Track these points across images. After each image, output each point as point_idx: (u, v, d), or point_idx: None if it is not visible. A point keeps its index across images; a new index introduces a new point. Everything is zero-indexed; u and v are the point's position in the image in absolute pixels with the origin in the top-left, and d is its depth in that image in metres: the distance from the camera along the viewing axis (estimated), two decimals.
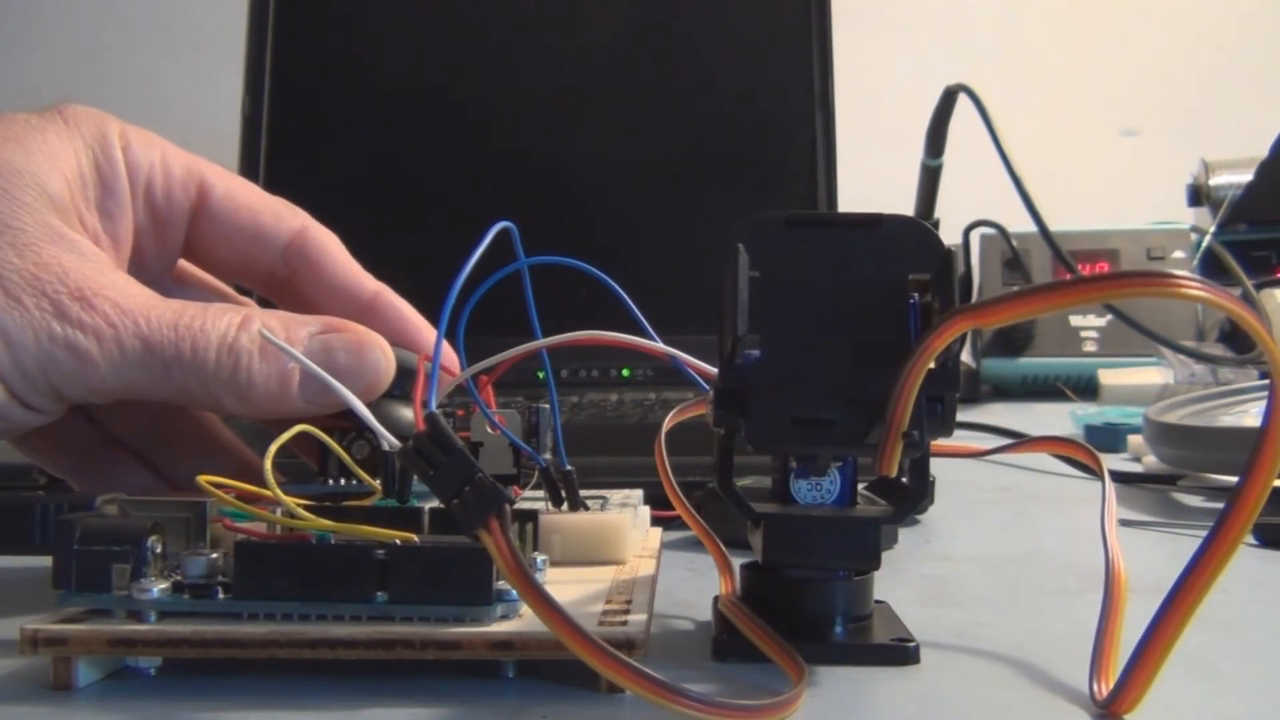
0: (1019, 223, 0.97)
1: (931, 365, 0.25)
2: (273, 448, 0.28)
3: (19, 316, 0.30)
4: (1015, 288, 0.24)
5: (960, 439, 0.32)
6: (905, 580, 0.37)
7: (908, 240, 0.28)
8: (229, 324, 0.32)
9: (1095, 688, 0.25)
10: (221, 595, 0.26)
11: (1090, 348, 1.11)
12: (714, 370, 0.29)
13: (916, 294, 0.27)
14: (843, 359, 0.27)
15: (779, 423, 0.27)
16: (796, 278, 0.28)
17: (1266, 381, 0.22)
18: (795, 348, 0.27)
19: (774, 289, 0.27)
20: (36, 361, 0.30)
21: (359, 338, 0.33)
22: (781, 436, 0.28)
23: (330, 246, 0.38)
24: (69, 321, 0.30)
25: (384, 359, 0.33)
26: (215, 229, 0.37)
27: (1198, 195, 1.18)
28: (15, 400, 0.30)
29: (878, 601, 0.30)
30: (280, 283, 0.38)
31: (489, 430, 0.34)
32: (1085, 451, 0.33)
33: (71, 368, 0.30)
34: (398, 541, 0.27)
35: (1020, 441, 0.40)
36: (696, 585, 0.36)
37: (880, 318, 0.27)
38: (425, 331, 0.38)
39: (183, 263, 0.38)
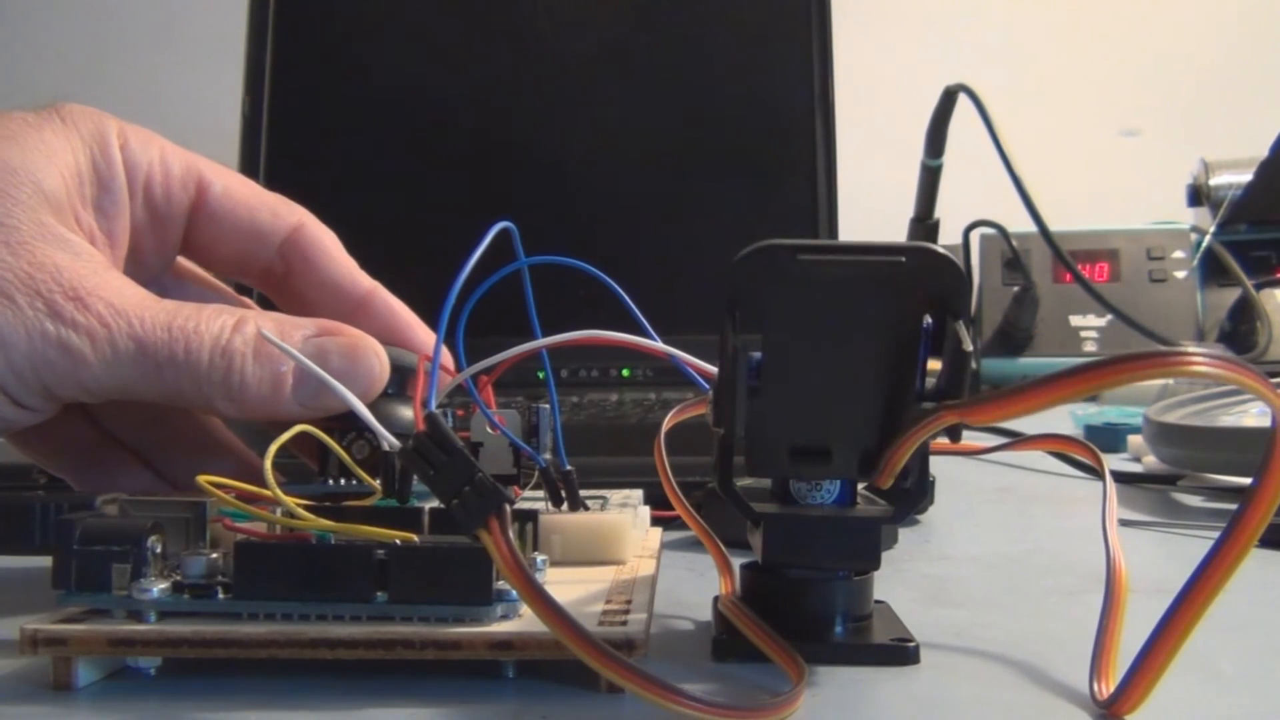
0: (1019, 223, 0.97)
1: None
2: (273, 448, 0.28)
3: (11, 315, 0.30)
4: (1005, 389, 0.22)
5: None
6: (905, 580, 0.37)
7: (920, 266, 0.26)
8: (223, 326, 0.32)
9: (1096, 688, 0.25)
10: (221, 595, 0.26)
11: (1090, 347, 1.11)
12: (714, 369, 0.29)
13: (930, 318, 0.26)
14: (845, 398, 0.27)
15: (776, 456, 0.28)
16: (803, 310, 0.27)
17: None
18: (798, 383, 0.27)
19: (779, 322, 0.27)
20: (28, 361, 0.30)
21: (353, 342, 0.33)
22: (779, 469, 0.28)
23: (326, 243, 0.38)
24: (62, 321, 0.30)
25: (378, 363, 0.33)
26: (213, 226, 0.37)
27: (1198, 195, 1.19)
28: (7, 399, 0.30)
29: (878, 601, 0.30)
30: (277, 279, 0.38)
31: (489, 430, 0.34)
32: (1084, 448, 0.33)
33: (64, 367, 0.30)
34: (398, 541, 0.27)
35: (1020, 439, 0.40)
36: (696, 585, 0.36)
37: (887, 355, 0.27)
38: (418, 330, 0.38)
39: (181, 259, 0.38)
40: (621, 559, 0.33)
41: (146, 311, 0.31)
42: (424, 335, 0.38)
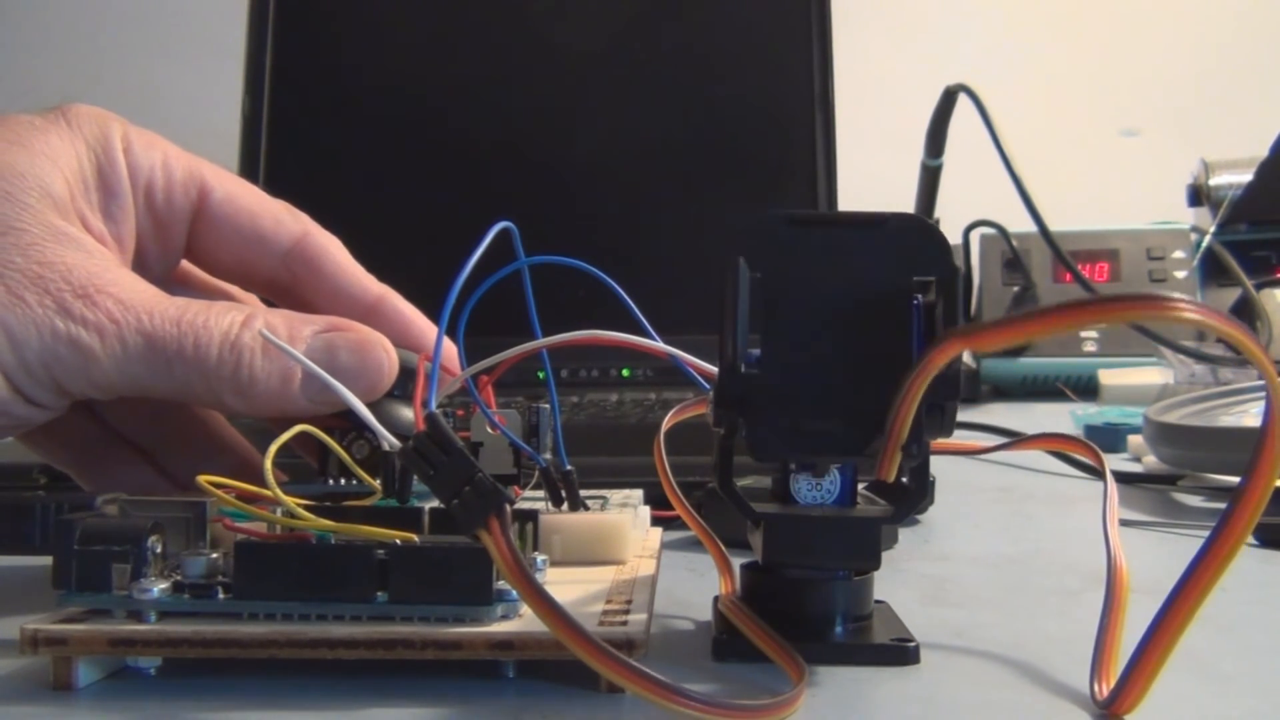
0: (1019, 223, 0.97)
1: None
2: (273, 447, 0.28)
3: (22, 313, 0.30)
4: (1009, 314, 0.23)
5: (960, 439, 0.32)
6: (905, 580, 0.37)
7: (912, 239, 0.27)
8: (232, 321, 0.32)
9: (1096, 688, 0.25)
10: (221, 595, 0.26)
11: (1090, 348, 1.11)
12: (714, 369, 0.29)
13: (920, 295, 0.27)
14: (844, 365, 0.27)
15: (778, 434, 0.28)
16: (798, 280, 0.27)
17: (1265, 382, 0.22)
18: (796, 354, 0.27)
19: (775, 292, 0.27)
20: (40, 357, 0.30)
21: (362, 337, 0.33)
22: (781, 448, 0.28)
23: (332, 251, 0.38)
24: (72, 318, 0.30)
25: (387, 358, 0.33)
26: (215, 231, 0.37)
27: (1198, 195, 1.19)
28: (19, 396, 0.31)
29: (878, 601, 0.30)
30: (283, 287, 0.38)
31: (489, 430, 0.34)
32: (1085, 448, 0.33)
33: (74, 363, 0.30)
34: (398, 541, 0.27)
35: (1021, 438, 0.40)
36: (696, 585, 0.36)
37: (883, 321, 0.27)
38: (430, 335, 0.38)
39: (187, 265, 0.39)
40: (621, 559, 0.33)
41: (155, 307, 0.31)
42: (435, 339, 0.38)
